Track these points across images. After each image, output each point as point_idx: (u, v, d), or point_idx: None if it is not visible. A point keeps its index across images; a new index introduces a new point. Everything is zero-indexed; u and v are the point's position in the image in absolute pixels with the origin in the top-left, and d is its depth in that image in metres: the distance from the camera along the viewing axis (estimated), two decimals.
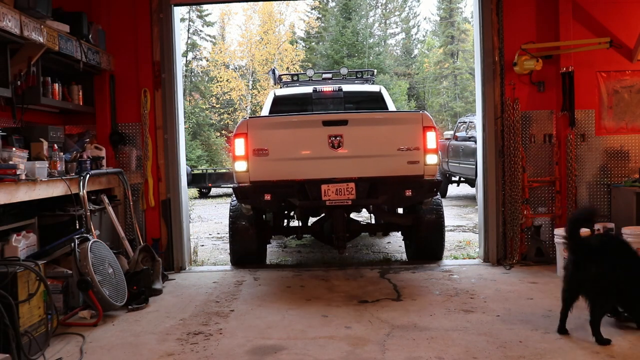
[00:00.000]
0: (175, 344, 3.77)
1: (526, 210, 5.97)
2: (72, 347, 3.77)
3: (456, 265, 6.04)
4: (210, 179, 17.51)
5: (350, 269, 5.98)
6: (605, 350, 3.40)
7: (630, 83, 6.01)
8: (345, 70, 8.36)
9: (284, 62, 27.49)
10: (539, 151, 6.08)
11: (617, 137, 6.03)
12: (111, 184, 5.76)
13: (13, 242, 4.15)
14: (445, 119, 34.14)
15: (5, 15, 4.05)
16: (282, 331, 3.97)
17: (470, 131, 12.24)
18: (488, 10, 6.00)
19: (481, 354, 3.40)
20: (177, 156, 6.19)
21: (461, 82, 34.65)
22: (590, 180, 6.03)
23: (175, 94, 6.16)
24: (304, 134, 5.38)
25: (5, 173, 3.83)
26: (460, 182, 14.22)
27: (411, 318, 4.16)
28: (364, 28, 32.75)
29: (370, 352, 3.51)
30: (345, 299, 4.78)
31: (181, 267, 6.18)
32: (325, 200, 5.37)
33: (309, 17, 33.49)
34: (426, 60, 36.97)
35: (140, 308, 4.65)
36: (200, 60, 30.89)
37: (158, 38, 6.07)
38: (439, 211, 6.09)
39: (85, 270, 4.26)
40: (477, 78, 6.25)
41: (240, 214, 6.11)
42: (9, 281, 3.39)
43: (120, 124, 6.13)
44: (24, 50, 4.57)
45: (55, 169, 4.58)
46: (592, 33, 5.93)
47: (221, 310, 4.54)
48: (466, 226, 9.43)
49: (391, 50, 37.46)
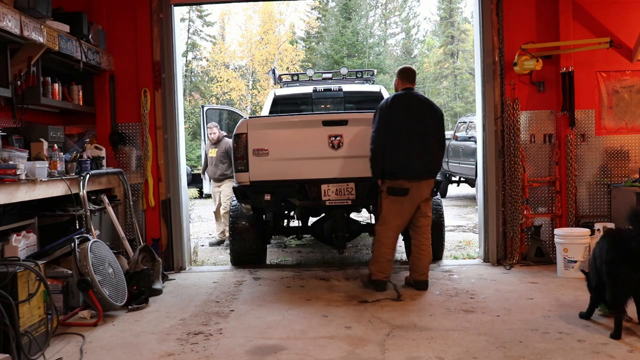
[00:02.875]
0: (175, 344, 3.77)
1: (526, 210, 5.97)
2: (72, 347, 3.77)
3: (456, 265, 6.04)
4: None
5: (350, 269, 5.98)
6: (605, 350, 3.40)
7: (630, 83, 6.01)
8: (345, 70, 8.36)
9: (284, 62, 27.51)
10: (539, 151, 6.08)
11: (617, 137, 6.03)
12: (111, 184, 5.76)
13: (13, 242, 4.15)
14: (445, 119, 34.11)
15: (5, 15, 4.05)
16: (282, 331, 3.97)
17: (470, 131, 12.23)
18: (488, 10, 6.00)
19: (481, 354, 3.40)
20: (177, 156, 6.19)
21: (461, 82, 34.66)
22: (590, 180, 6.03)
23: (175, 94, 6.16)
24: (304, 134, 5.38)
25: (5, 173, 3.82)
26: (460, 182, 14.21)
27: (411, 318, 4.16)
28: (364, 28, 32.78)
29: (370, 352, 3.51)
30: (345, 299, 4.78)
31: (181, 267, 6.18)
32: (325, 200, 5.37)
33: (309, 17, 33.53)
34: (426, 60, 36.96)
35: (140, 308, 4.65)
36: (200, 60, 30.92)
37: (158, 38, 6.06)
38: (439, 211, 6.09)
39: (85, 270, 4.26)
40: (477, 78, 6.25)
41: (240, 214, 6.11)
42: (9, 281, 3.39)
43: (120, 124, 6.13)
44: (24, 50, 4.57)
45: (55, 169, 4.57)
46: (592, 33, 5.93)
47: (221, 310, 4.54)
48: (466, 226, 9.43)
49: (391, 50, 37.45)
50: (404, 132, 4.86)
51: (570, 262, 5.33)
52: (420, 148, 4.86)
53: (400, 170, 4.84)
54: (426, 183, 4.94)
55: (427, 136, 4.93)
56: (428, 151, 4.90)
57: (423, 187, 4.91)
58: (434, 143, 4.96)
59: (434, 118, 5.01)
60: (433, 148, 4.95)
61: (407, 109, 4.95)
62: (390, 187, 4.89)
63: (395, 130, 4.86)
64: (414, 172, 4.85)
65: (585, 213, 6.01)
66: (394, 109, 4.91)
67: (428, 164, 4.91)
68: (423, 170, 4.89)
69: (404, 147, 4.84)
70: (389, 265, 5.02)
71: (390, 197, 4.91)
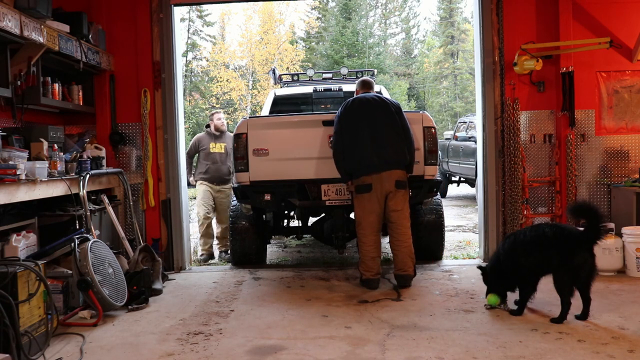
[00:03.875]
0: (175, 343, 3.77)
1: (526, 210, 5.97)
2: (72, 347, 3.77)
3: (456, 265, 6.04)
4: None
5: (350, 269, 5.98)
6: (605, 350, 3.40)
7: (630, 83, 6.01)
8: (345, 70, 8.36)
9: (284, 62, 27.49)
10: (539, 151, 6.08)
11: (617, 137, 6.03)
12: (111, 184, 5.76)
13: (13, 242, 4.15)
14: (445, 119, 34.11)
15: (5, 15, 4.05)
16: (282, 331, 3.97)
17: (470, 131, 12.23)
18: (488, 10, 6.00)
19: (481, 354, 3.40)
20: (177, 156, 6.19)
21: (461, 82, 34.63)
22: (590, 180, 6.03)
23: (175, 94, 6.16)
24: (304, 134, 5.38)
25: (5, 173, 3.83)
26: (460, 182, 14.21)
27: (411, 318, 4.16)
28: (364, 28, 32.77)
29: (370, 352, 3.51)
30: (345, 299, 4.78)
31: (181, 267, 6.18)
32: (325, 200, 5.38)
33: (309, 17, 33.50)
34: (426, 60, 36.95)
35: (140, 308, 4.65)
36: (200, 60, 30.88)
37: (158, 38, 6.07)
38: (439, 211, 6.09)
39: (85, 270, 4.26)
40: (477, 78, 6.25)
41: (240, 214, 6.11)
42: (9, 281, 3.39)
43: (120, 124, 6.13)
44: (24, 50, 4.57)
45: (55, 169, 4.57)
46: (592, 33, 5.93)
47: (221, 310, 4.54)
48: (466, 226, 9.43)
49: (391, 50, 37.44)
50: (357, 131, 5.00)
51: None
52: (375, 142, 4.96)
53: (359, 167, 4.99)
54: (387, 175, 4.97)
55: (381, 130, 5.00)
56: (383, 144, 4.97)
57: (384, 179, 4.96)
58: (390, 135, 5.00)
59: (386, 111, 5.07)
60: (390, 140, 5.00)
61: (358, 109, 5.09)
62: (357, 186, 5.03)
63: (350, 131, 5.03)
64: (371, 165, 4.95)
65: None
66: (346, 113, 5.09)
67: (386, 156, 4.96)
68: (381, 163, 4.95)
69: (359, 145, 4.98)
70: (374, 263, 5.09)
71: (358, 195, 5.04)
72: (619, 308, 4.27)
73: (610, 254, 5.30)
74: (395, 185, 5.00)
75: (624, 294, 4.67)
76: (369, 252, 5.10)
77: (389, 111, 5.08)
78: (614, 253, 5.31)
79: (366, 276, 5.11)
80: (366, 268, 5.11)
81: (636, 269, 5.24)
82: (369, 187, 4.98)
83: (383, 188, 4.98)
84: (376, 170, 4.96)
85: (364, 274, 5.13)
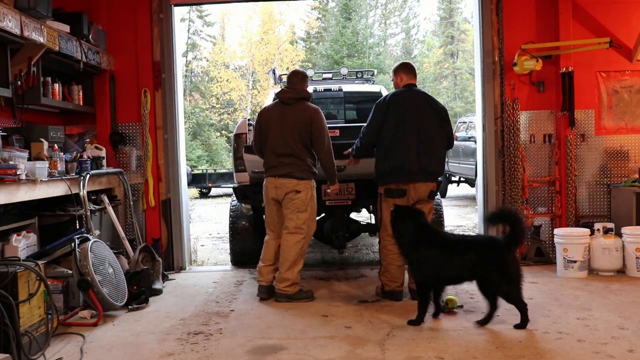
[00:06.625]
0: (175, 343, 3.78)
1: (526, 210, 5.97)
2: (72, 347, 3.77)
3: None
4: (210, 179, 17.52)
5: (350, 269, 5.99)
6: (605, 350, 3.40)
7: (630, 83, 6.02)
8: (345, 70, 8.35)
9: (284, 62, 27.50)
10: (539, 151, 6.08)
11: (617, 137, 6.03)
12: (111, 184, 5.76)
13: (13, 242, 4.15)
14: None
15: (5, 16, 4.05)
16: (282, 331, 3.97)
17: (470, 131, 12.24)
18: (488, 10, 6.00)
19: (481, 354, 3.40)
20: (177, 156, 6.19)
21: (461, 82, 34.63)
22: (590, 180, 6.03)
23: (175, 94, 6.17)
24: None
25: (5, 173, 3.83)
26: (460, 182, 14.22)
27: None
28: (364, 28, 32.76)
29: (370, 352, 3.51)
30: (345, 299, 4.78)
31: (181, 267, 6.19)
32: (325, 200, 5.37)
33: (309, 18, 33.51)
34: (426, 60, 36.93)
35: (140, 308, 4.65)
36: (200, 60, 30.90)
37: (158, 38, 6.07)
38: (439, 211, 6.09)
39: (85, 270, 4.26)
40: (477, 78, 6.25)
41: (240, 214, 6.11)
42: (9, 281, 3.39)
43: (121, 124, 6.13)
44: (24, 51, 4.57)
45: (55, 169, 4.58)
46: (592, 33, 5.93)
47: (221, 310, 4.54)
48: (466, 226, 9.43)
49: (391, 50, 37.40)
50: (402, 129, 4.56)
51: (570, 262, 5.33)
52: (420, 148, 4.55)
53: (398, 172, 4.57)
54: (424, 185, 4.62)
55: (429, 136, 4.59)
56: (428, 151, 4.58)
57: (420, 188, 4.62)
58: (436, 143, 4.64)
59: (437, 116, 4.65)
60: (435, 148, 4.64)
61: (409, 106, 4.62)
62: (388, 189, 4.64)
63: (392, 126, 4.59)
64: (412, 174, 4.55)
65: (585, 213, 6.01)
66: (393, 105, 4.62)
67: (427, 165, 4.57)
68: (422, 173, 4.57)
69: (402, 146, 4.55)
70: (400, 272, 4.66)
71: (389, 199, 4.63)
72: (618, 308, 4.27)
73: (610, 254, 5.31)
74: (428, 195, 4.66)
75: (624, 294, 4.67)
76: (395, 259, 4.61)
77: (439, 117, 4.66)
78: (613, 253, 5.31)
79: (391, 287, 4.69)
80: (391, 278, 4.68)
81: (636, 269, 5.25)
82: (404, 193, 4.58)
83: (416, 195, 4.62)
84: (415, 180, 4.58)
85: (388, 284, 4.70)
